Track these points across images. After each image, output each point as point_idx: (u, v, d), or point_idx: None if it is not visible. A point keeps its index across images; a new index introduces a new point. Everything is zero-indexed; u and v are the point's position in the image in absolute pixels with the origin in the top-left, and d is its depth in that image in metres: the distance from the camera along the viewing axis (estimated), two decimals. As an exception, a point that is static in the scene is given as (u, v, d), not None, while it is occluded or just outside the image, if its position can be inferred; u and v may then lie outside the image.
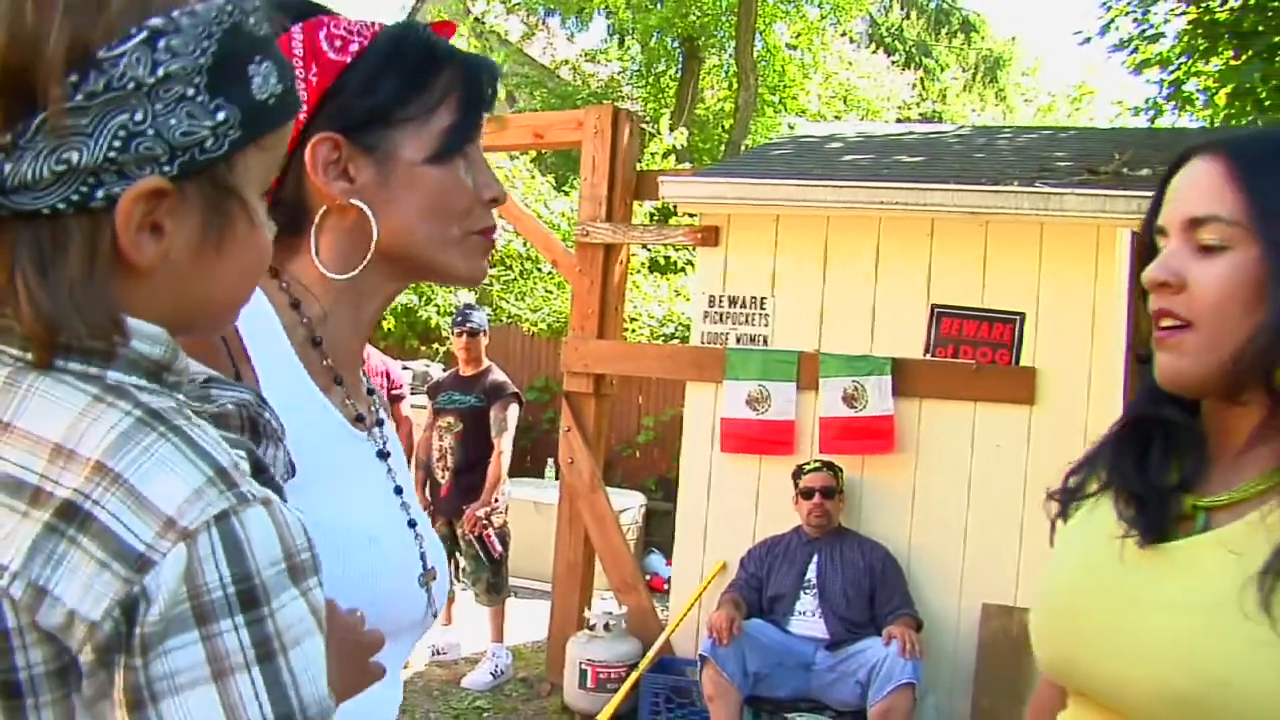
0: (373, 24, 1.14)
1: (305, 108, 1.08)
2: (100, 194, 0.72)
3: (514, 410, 5.84)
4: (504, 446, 5.75)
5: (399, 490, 1.19)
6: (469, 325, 5.95)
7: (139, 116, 0.72)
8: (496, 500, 5.76)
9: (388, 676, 1.11)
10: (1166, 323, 1.10)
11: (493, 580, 5.82)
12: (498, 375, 5.97)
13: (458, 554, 5.92)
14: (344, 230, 1.12)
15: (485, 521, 5.70)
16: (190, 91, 0.74)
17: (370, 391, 1.24)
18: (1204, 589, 1.04)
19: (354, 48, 1.10)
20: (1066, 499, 1.24)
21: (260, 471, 0.80)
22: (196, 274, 0.79)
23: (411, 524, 1.19)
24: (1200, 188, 1.09)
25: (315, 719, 0.74)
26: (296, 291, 1.13)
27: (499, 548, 5.79)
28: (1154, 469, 1.14)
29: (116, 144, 0.72)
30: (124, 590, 0.68)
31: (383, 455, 1.18)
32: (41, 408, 0.73)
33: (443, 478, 5.89)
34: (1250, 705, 0.99)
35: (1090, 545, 1.19)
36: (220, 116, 0.75)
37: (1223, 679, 1.00)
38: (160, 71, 0.72)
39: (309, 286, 1.13)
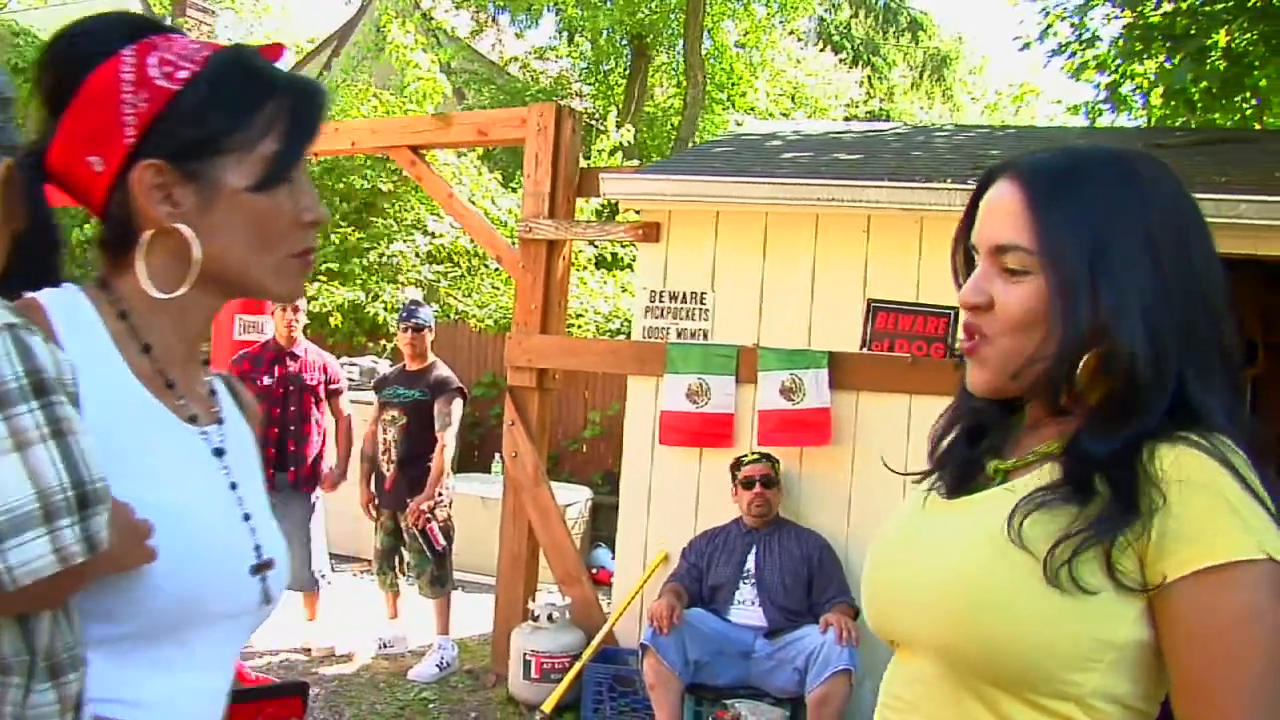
0: (205, 47, 1.18)
1: (134, 132, 1.13)
2: None
3: (458, 405, 5.89)
4: (447, 440, 5.79)
5: (234, 485, 1.24)
6: (414, 321, 5.99)
7: None
8: (440, 494, 5.80)
9: (217, 663, 1.22)
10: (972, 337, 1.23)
11: (437, 573, 5.86)
12: (442, 370, 6.02)
13: (402, 548, 5.96)
14: (168, 251, 1.17)
15: (429, 515, 5.75)
16: None
17: (212, 393, 1.30)
18: (984, 525, 1.17)
19: (183, 74, 1.14)
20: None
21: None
22: None
23: (247, 517, 1.24)
24: (1003, 215, 1.20)
25: (101, 493, 0.94)
26: (123, 304, 1.19)
27: (442, 541, 5.84)
28: (963, 441, 1.32)
29: None
30: None
31: (218, 452, 1.24)
32: None
33: (387, 471, 5.92)
34: (1006, 622, 1.11)
35: (905, 508, 1.36)
36: None
37: (989, 602, 1.12)
38: None
39: (133, 299, 1.19)
